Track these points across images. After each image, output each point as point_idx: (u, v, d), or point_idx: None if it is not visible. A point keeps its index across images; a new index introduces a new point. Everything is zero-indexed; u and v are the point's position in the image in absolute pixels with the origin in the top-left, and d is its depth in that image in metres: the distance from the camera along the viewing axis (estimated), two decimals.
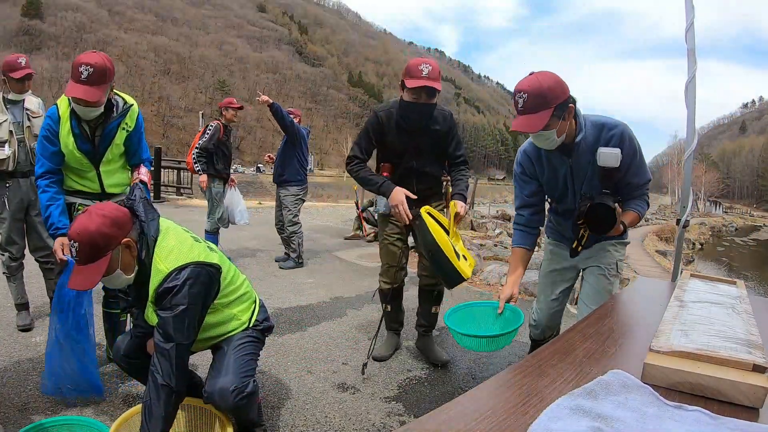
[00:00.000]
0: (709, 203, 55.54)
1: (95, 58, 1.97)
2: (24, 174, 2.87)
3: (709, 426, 0.55)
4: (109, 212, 1.43)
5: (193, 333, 1.51)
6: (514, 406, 0.59)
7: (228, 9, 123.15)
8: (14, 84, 2.78)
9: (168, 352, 1.43)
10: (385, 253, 2.57)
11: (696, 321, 0.87)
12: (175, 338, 1.44)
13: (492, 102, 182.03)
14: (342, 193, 23.85)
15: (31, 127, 2.89)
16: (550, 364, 0.74)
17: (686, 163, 2.00)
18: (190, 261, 1.50)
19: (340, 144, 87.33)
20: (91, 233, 1.38)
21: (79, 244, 1.38)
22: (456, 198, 2.40)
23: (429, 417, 0.55)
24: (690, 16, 1.89)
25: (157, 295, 1.47)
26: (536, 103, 1.53)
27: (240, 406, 1.55)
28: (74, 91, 1.94)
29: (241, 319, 1.70)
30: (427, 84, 2.25)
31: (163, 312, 1.45)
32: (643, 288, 1.38)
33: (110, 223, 1.41)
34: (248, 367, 1.63)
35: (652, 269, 13.37)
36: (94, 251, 1.39)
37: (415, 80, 2.26)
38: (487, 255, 5.62)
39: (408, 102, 2.33)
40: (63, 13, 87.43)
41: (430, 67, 2.26)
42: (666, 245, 20.68)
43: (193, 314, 1.49)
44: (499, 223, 12.21)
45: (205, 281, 1.51)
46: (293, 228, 4.65)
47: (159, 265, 1.48)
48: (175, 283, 1.45)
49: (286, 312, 3.37)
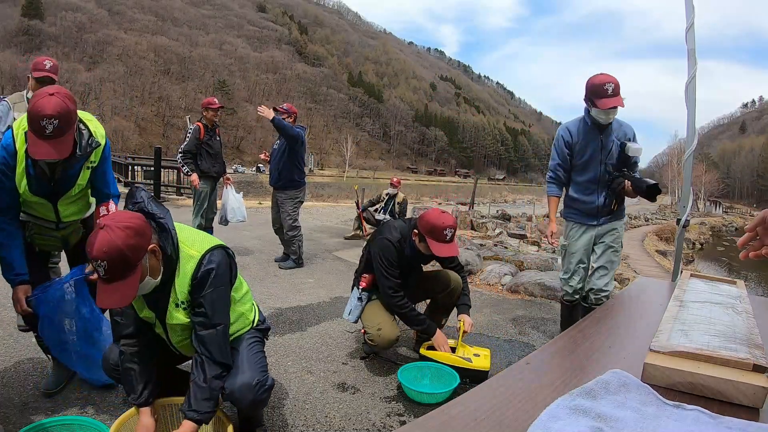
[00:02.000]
0: (709, 203, 55.52)
1: (56, 105, 1.59)
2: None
3: (709, 425, 0.55)
4: (128, 222, 1.34)
5: (229, 315, 1.57)
6: (514, 405, 0.59)
7: (228, 9, 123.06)
8: (35, 83, 2.80)
9: (217, 333, 1.50)
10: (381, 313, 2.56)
11: (696, 321, 0.87)
12: (222, 319, 1.51)
13: (492, 102, 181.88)
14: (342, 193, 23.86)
15: None
16: (549, 364, 0.74)
17: (686, 162, 2.01)
18: (215, 244, 1.56)
19: (340, 144, 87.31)
20: (119, 249, 1.28)
21: (107, 262, 1.28)
22: (462, 310, 2.60)
23: (429, 417, 0.55)
24: (690, 17, 1.89)
25: (198, 279, 1.48)
26: (618, 90, 2.50)
27: (261, 399, 1.60)
28: (40, 151, 1.60)
29: (249, 318, 1.74)
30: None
31: (206, 294, 1.48)
32: (643, 288, 1.38)
33: (134, 234, 1.32)
34: (263, 363, 1.68)
35: (652, 269, 13.36)
36: (126, 266, 1.31)
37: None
38: (487, 255, 5.61)
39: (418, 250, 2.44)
40: (63, 13, 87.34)
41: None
42: (666, 245, 20.66)
43: (229, 294, 1.56)
44: (499, 223, 12.22)
45: (231, 262, 1.59)
46: (293, 233, 4.60)
47: (189, 251, 1.50)
48: (211, 265, 1.50)
49: (286, 312, 3.37)
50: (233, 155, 72.50)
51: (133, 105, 78.05)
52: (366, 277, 2.55)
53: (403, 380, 2.24)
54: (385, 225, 2.59)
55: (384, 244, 2.42)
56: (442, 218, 2.31)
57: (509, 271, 4.80)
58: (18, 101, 2.91)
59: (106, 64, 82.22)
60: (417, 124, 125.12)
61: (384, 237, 2.45)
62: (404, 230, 2.47)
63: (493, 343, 3.04)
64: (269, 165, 4.71)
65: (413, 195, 27.51)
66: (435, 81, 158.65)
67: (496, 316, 3.61)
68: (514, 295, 4.29)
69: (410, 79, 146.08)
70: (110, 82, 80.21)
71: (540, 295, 4.23)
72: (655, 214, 38.45)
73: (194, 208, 4.65)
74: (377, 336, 2.43)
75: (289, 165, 4.48)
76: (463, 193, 37.04)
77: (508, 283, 4.54)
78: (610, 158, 2.65)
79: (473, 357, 2.43)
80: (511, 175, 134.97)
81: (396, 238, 2.43)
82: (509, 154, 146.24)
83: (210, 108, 4.59)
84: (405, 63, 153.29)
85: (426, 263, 2.60)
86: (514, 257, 5.51)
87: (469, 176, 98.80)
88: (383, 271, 2.42)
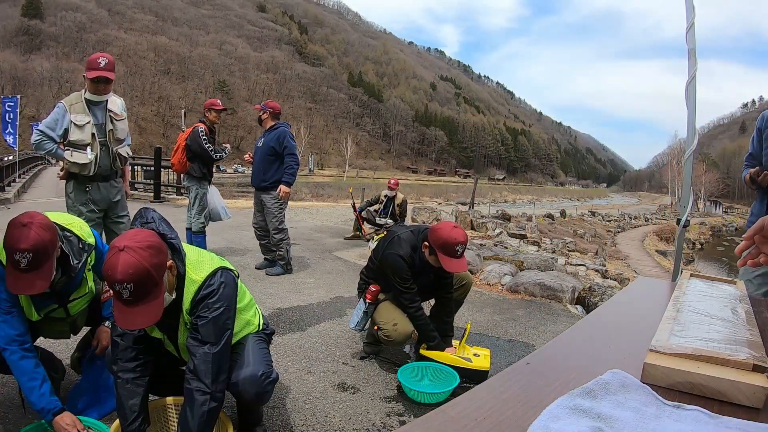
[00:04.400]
0: (709, 203, 55.49)
1: (29, 238, 1.46)
2: (104, 178, 2.79)
3: (708, 425, 0.55)
4: (147, 242, 1.34)
5: (230, 337, 1.54)
6: (513, 405, 0.59)
7: (228, 9, 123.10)
8: (90, 84, 2.68)
9: (208, 356, 1.46)
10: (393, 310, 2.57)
11: (696, 321, 0.87)
12: (215, 341, 1.48)
13: (492, 102, 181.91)
14: (342, 193, 23.85)
15: (114, 130, 2.77)
16: (549, 364, 0.74)
17: (686, 162, 2.00)
18: (217, 267, 1.55)
19: (339, 144, 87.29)
20: (146, 270, 1.28)
21: (133, 285, 1.27)
22: (446, 342, 2.57)
23: (429, 417, 0.55)
24: (690, 17, 1.89)
25: (195, 303, 1.49)
26: None
27: (266, 391, 1.61)
28: (18, 284, 1.50)
29: (254, 323, 1.77)
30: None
31: (202, 316, 1.47)
32: (643, 288, 1.38)
33: (156, 252, 1.34)
34: (268, 357, 1.70)
35: (652, 269, 13.36)
36: (151, 286, 1.31)
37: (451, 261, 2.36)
38: (487, 255, 5.61)
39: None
40: (63, 13, 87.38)
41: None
42: (666, 245, 20.69)
43: (229, 316, 1.54)
44: (499, 223, 12.21)
45: (233, 284, 1.58)
46: (280, 235, 4.32)
47: (192, 275, 1.51)
48: (211, 289, 1.49)
49: (286, 312, 3.37)
50: (233, 155, 72.46)
51: (133, 105, 78.01)
52: (372, 290, 2.56)
53: (403, 380, 2.24)
54: (392, 237, 2.56)
55: (395, 261, 2.43)
56: (454, 234, 2.32)
57: (509, 271, 4.80)
58: (76, 102, 2.75)
59: None
60: (417, 124, 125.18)
61: (394, 253, 2.45)
62: (413, 242, 2.48)
63: (493, 343, 3.04)
64: (252, 166, 4.48)
65: (413, 195, 27.52)
66: (435, 81, 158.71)
67: (496, 316, 3.61)
68: (514, 295, 4.29)
69: (410, 79, 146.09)
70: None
71: (540, 295, 4.23)
72: (655, 214, 38.47)
73: (195, 208, 4.61)
74: (393, 331, 2.44)
75: (273, 165, 4.25)
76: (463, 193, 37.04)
77: (508, 283, 4.54)
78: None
79: (473, 357, 2.44)
80: (511, 175, 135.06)
81: (407, 253, 2.44)
82: (509, 154, 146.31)
83: (213, 109, 4.57)
84: (405, 63, 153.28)
85: (434, 273, 2.56)
86: (514, 257, 5.52)
87: (469, 176, 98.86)
88: (399, 287, 2.45)
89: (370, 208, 7.05)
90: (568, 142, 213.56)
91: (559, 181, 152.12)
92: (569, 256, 10.91)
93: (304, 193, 25.86)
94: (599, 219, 28.19)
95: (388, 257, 2.47)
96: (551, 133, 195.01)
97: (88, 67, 2.66)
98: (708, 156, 62.96)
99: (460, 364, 2.37)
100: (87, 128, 2.69)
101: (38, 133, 2.73)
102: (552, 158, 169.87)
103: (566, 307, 4.04)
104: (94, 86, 2.69)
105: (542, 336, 3.24)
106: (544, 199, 54.46)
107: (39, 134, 2.73)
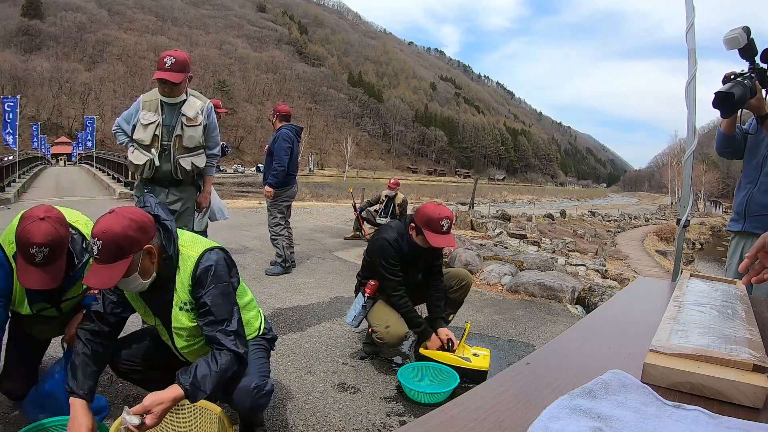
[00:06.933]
0: (709, 203, 55.49)
1: (46, 232, 1.45)
2: (164, 184, 2.68)
3: (708, 425, 0.55)
4: (135, 216, 1.39)
5: (237, 311, 1.56)
6: (513, 405, 0.59)
7: (228, 9, 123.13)
8: (158, 84, 2.53)
9: (227, 328, 1.49)
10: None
11: (696, 321, 0.87)
12: (229, 314, 1.51)
13: (492, 102, 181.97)
14: (342, 193, 23.85)
15: (182, 136, 2.60)
16: (549, 364, 0.74)
17: (686, 162, 2.01)
18: (213, 245, 1.58)
19: (339, 144, 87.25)
20: (116, 234, 1.33)
21: (102, 242, 1.33)
22: (438, 324, 2.55)
23: (429, 417, 0.55)
24: (690, 17, 1.89)
25: (198, 277, 1.50)
26: None
27: (260, 404, 1.59)
28: (31, 280, 1.47)
29: (254, 325, 1.75)
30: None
31: (208, 292, 1.49)
32: (643, 288, 1.38)
33: (136, 227, 1.38)
34: (264, 368, 1.68)
35: (652, 269, 13.36)
36: (117, 252, 1.35)
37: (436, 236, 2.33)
38: (487, 255, 5.61)
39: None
40: (63, 13, 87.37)
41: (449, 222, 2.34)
42: (666, 245, 20.69)
43: (232, 291, 1.56)
44: (499, 223, 12.22)
45: (229, 262, 1.59)
46: (276, 229, 4.46)
47: (188, 251, 1.53)
48: (210, 262, 1.51)
49: (286, 312, 3.37)
50: (233, 155, 72.47)
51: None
52: (371, 284, 2.55)
53: (403, 380, 2.24)
54: (382, 227, 2.60)
55: (382, 245, 2.44)
56: (438, 210, 2.32)
57: (509, 271, 4.80)
58: (151, 99, 2.61)
59: (106, 64, 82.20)
60: (417, 124, 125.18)
61: (381, 237, 2.47)
62: (400, 228, 2.49)
63: (493, 343, 3.04)
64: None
65: (413, 195, 27.51)
66: (435, 81, 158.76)
67: (496, 316, 3.61)
68: (514, 295, 4.29)
69: (410, 79, 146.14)
70: (110, 82, 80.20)
71: (540, 295, 4.23)
72: (655, 214, 38.47)
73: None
74: (386, 333, 2.43)
75: (272, 164, 4.43)
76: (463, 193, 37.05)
77: (508, 283, 4.54)
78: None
79: (473, 357, 2.43)
80: (511, 175, 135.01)
81: (393, 237, 2.44)
82: (509, 154, 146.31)
83: (216, 111, 4.56)
84: (405, 63, 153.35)
85: (425, 258, 2.55)
86: (514, 257, 5.52)
87: (469, 176, 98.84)
88: (384, 271, 2.44)
89: (370, 208, 7.05)
90: (568, 142, 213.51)
91: (559, 181, 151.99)
92: (569, 256, 10.92)
93: (305, 193, 25.86)
94: (599, 219, 28.20)
95: (375, 242, 2.50)
96: (551, 133, 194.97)
97: (158, 67, 2.50)
98: (708, 156, 62.91)
99: (459, 364, 2.36)
100: (150, 128, 2.55)
101: (116, 124, 2.71)
102: (552, 158, 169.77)
103: (566, 307, 4.04)
104: (161, 87, 2.53)
105: (542, 336, 3.23)
106: (544, 199, 54.46)
107: (116, 126, 2.71)
